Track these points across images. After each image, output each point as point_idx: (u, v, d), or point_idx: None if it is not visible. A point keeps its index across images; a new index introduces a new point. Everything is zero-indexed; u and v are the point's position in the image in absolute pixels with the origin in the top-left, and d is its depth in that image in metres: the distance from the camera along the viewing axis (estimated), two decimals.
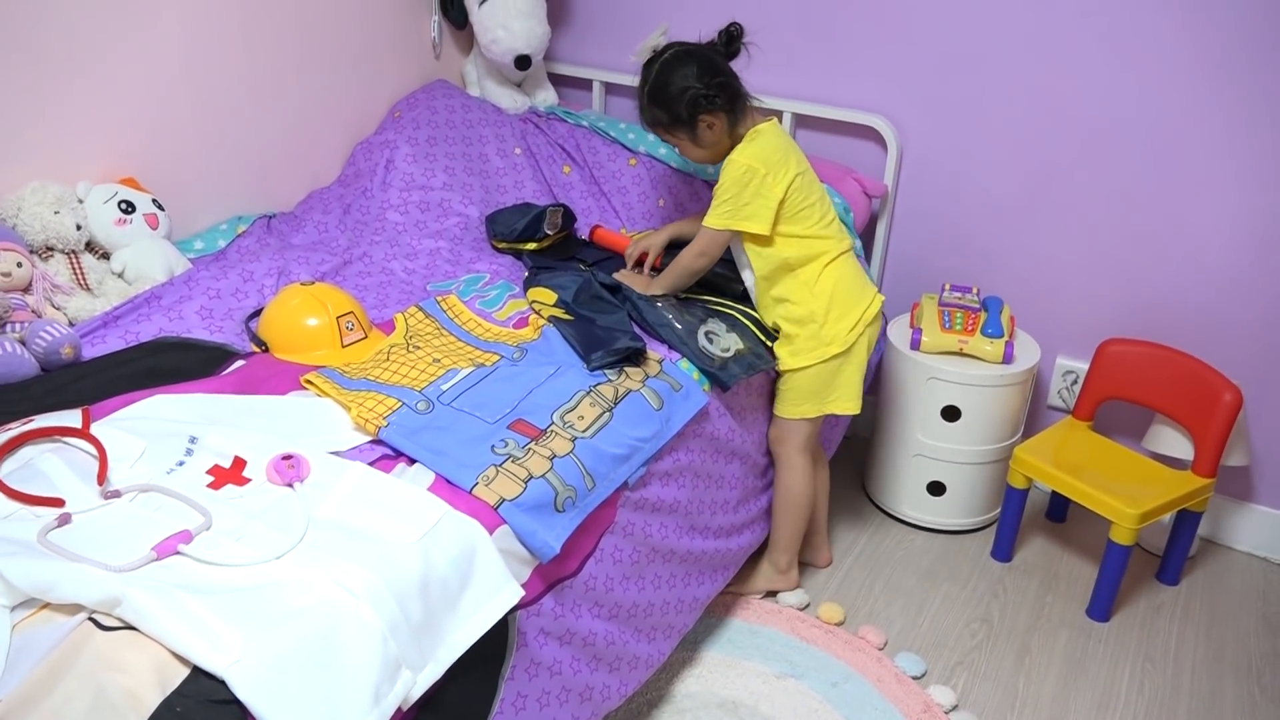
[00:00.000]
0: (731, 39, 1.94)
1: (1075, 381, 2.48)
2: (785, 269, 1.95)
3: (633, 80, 2.69)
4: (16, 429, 1.40)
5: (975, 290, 2.41)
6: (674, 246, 2.13)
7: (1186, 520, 2.22)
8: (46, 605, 1.13)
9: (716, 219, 1.92)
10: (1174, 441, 2.25)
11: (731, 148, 1.93)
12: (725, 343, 1.91)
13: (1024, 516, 2.37)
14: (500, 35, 2.54)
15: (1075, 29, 2.21)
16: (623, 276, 2.03)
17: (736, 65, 1.97)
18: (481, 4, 2.57)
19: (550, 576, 1.49)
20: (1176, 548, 2.26)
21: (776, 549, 2.14)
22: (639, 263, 2.11)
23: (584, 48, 2.83)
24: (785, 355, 1.99)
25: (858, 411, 2.04)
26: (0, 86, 1.81)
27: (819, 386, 1.99)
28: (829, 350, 1.95)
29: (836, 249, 1.96)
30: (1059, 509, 2.49)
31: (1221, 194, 2.19)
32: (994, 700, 1.96)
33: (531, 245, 2.19)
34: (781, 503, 2.09)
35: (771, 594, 2.18)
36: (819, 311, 1.94)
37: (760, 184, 1.88)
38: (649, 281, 2.02)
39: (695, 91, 1.87)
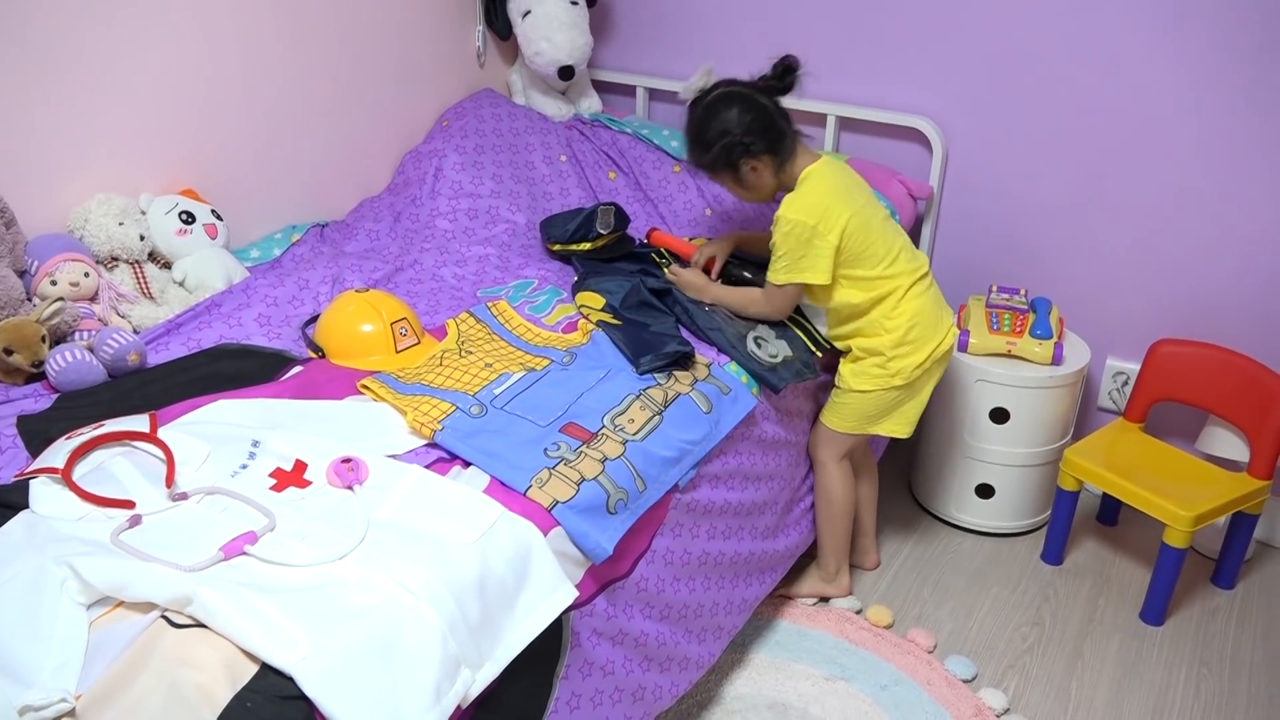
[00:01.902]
0: (786, 71, 1.88)
1: (1126, 383, 2.46)
2: (855, 313, 1.92)
3: (675, 85, 2.72)
4: (88, 433, 1.45)
5: (1023, 291, 2.39)
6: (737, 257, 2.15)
7: (1242, 523, 2.18)
8: (121, 603, 1.17)
9: (778, 274, 1.89)
10: (1228, 443, 2.22)
11: (781, 187, 1.91)
12: (773, 349, 1.92)
13: (1074, 519, 2.35)
14: (544, 47, 2.58)
15: (1120, 28, 2.19)
16: (678, 274, 2.02)
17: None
18: (525, 16, 2.60)
19: (603, 578, 1.51)
20: (1232, 551, 2.23)
21: (824, 555, 2.14)
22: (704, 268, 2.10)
23: (627, 54, 2.85)
24: (848, 374, 1.96)
25: (907, 436, 2.02)
26: (68, 104, 1.87)
27: (874, 411, 1.97)
28: (893, 381, 1.92)
29: (907, 281, 1.90)
30: (1110, 512, 2.47)
31: (1273, 190, 2.16)
32: (1046, 704, 1.95)
33: (585, 245, 2.21)
34: (823, 510, 2.08)
35: (823, 599, 2.18)
36: (888, 346, 1.91)
37: (812, 235, 1.83)
38: (705, 285, 2.00)
39: (732, 140, 1.84)
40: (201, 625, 1.14)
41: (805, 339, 2.01)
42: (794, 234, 1.84)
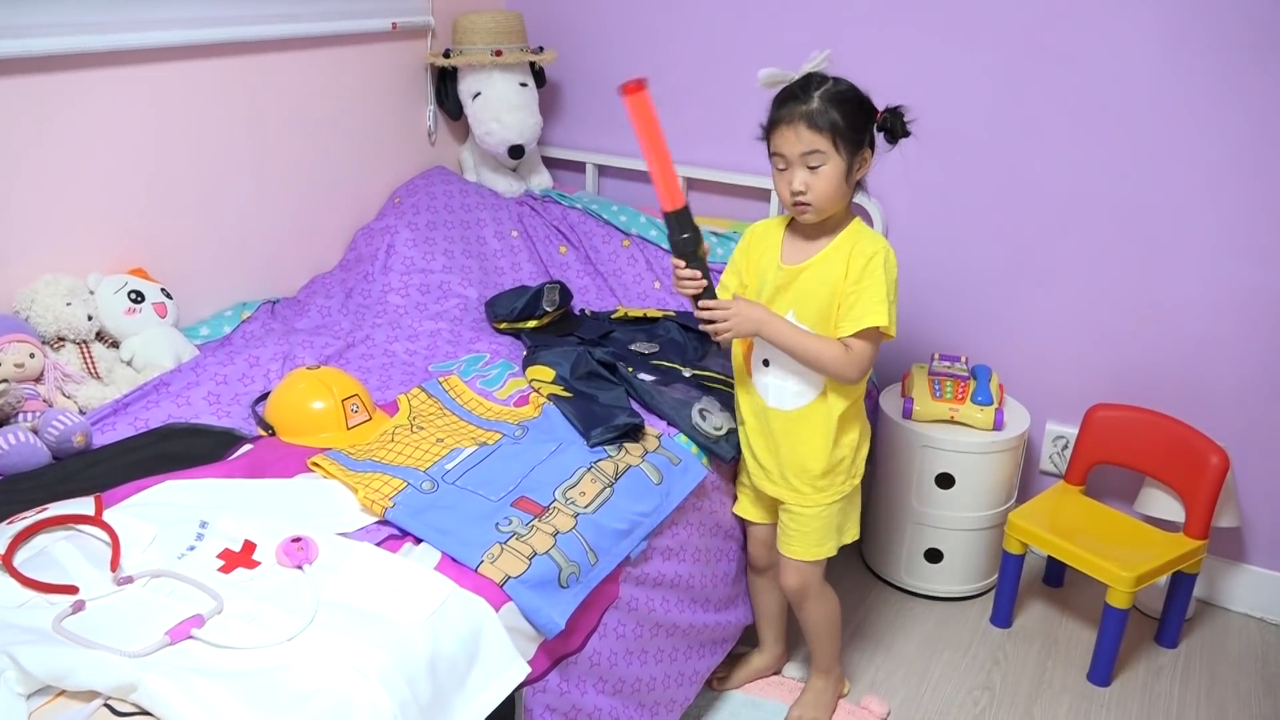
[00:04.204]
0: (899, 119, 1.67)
1: (1066, 447, 2.52)
2: (858, 393, 1.78)
3: (623, 162, 2.79)
4: (31, 518, 1.43)
5: (964, 359, 2.46)
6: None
7: (1181, 582, 2.24)
8: (62, 692, 1.15)
9: (886, 315, 1.64)
10: (1165, 504, 2.29)
11: (838, 211, 1.70)
12: (717, 421, 1.94)
13: (1021, 582, 2.39)
14: (493, 128, 2.64)
15: (1050, 106, 2.31)
16: (734, 307, 1.68)
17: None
18: (475, 98, 2.66)
19: (555, 653, 1.51)
20: (1173, 610, 2.28)
21: (827, 666, 2.01)
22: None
23: (576, 132, 2.93)
24: (809, 490, 1.81)
25: (857, 536, 1.93)
26: (14, 182, 1.88)
27: (839, 519, 1.85)
28: (854, 481, 1.83)
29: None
30: (1056, 574, 2.51)
31: (1200, 262, 2.26)
32: None
33: (532, 323, 2.24)
34: (821, 626, 1.96)
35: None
36: (852, 445, 1.80)
37: (895, 279, 1.67)
38: (768, 317, 1.69)
39: (890, 117, 1.64)
40: (146, 713, 1.12)
41: None
42: (890, 269, 1.65)
